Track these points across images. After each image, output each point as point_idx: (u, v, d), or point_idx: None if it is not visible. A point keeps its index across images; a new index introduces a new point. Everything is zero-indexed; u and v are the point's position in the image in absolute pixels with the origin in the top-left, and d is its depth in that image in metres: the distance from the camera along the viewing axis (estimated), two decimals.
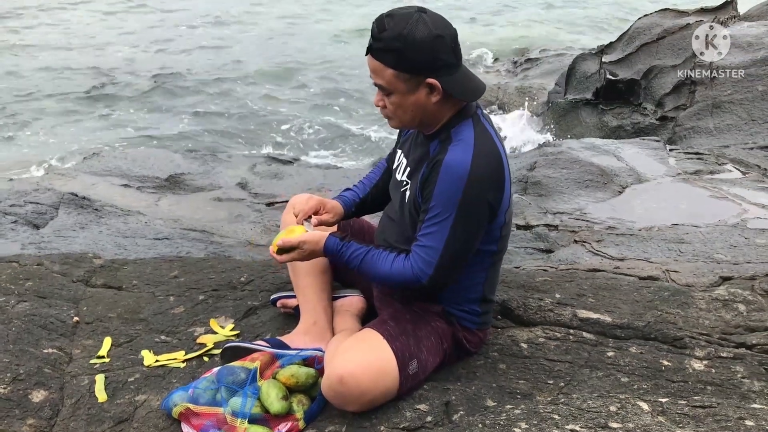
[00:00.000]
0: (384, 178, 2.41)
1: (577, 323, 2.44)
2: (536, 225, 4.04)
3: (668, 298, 2.60)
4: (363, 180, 2.47)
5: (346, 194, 2.42)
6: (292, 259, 2.12)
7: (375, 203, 2.43)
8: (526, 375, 2.16)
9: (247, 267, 2.97)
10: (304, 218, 2.22)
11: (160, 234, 3.76)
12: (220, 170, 5.38)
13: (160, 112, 9.56)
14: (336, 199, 2.38)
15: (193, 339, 2.46)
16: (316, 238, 2.08)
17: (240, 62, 12.07)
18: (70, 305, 2.66)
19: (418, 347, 2.04)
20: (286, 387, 2.01)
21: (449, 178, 1.88)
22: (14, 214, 3.90)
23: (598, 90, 7.61)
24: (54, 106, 9.63)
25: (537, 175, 4.86)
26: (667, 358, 2.24)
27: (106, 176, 5.00)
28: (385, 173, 2.42)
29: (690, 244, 3.52)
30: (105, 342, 2.44)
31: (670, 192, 4.59)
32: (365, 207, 2.43)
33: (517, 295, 2.60)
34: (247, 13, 16.36)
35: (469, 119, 1.98)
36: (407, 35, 1.84)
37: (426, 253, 1.93)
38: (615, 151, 5.30)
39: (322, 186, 4.99)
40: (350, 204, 2.39)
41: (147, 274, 2.93)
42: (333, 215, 2.30)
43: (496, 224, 2.01)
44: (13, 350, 2.29)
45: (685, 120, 6.54)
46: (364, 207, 2.42)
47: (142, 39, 13.49)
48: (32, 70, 11.23)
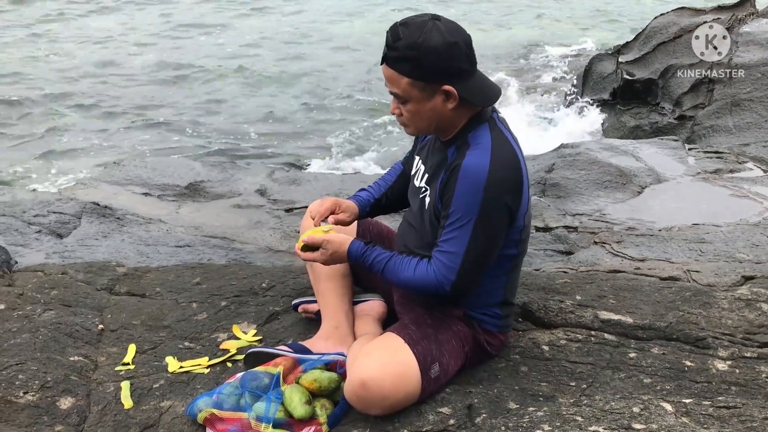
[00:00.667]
0: (399, 180, 2.43)
1: (598, 325, 2.43)
2: (555, 227, 4.03)
3: (690, 298, 2.59)
4: (378, 181, 2.49)
5: (361, 194, 2.44)
6: (314, 259, 2.12)
7: (389, 204, 2.45)
8: (548, 377, 2.16)
9: (268, 273, 2.99)
10: (320, 220, 2.24)
11: (181, 241, 3.80)
12: (239, 177, 5.42)
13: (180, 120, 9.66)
14: (351, 198, 2.41)
15: (217, 345, 2.49)
16: (341, 240, 2.09)
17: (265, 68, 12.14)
18: (94, 313, 2.70)
19: (440, 351, 2.04)
20: (309, 391, 2.03)
21: (468, 183, 1.89)
22: (38, 224, 3.96)
23: (615, 90, 7.58)
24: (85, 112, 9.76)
25: (555, 176, 4.85)
26: (690, 359, 2.23)
27: (127, 185, 5.06)
28: (400, 176, 2.44)
29: (711, 243, 3.50)
30: (129, 349, 2.47)
31: (690, 191, 4.56)
32: (380, 207, 2.44)
33: (537, 297, 2.60)
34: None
35: (486, 123, 1.98)
36: (422, 44, 1.85)
37: (448, 259, 1.93)
38: (633, 152, 5.27)
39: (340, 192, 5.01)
40: (365, 204, 2.41)
41: (170, 281, 2.96)
42: (349, 215, 2.33)
43: (516, 227, 2.02)
44: (40, 358, 2.33)
45: (704, 119, 6.49)
46: (378, 207, 2.44)
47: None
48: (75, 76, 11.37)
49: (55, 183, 7.13)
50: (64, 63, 11.98)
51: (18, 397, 2.14)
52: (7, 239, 3.66)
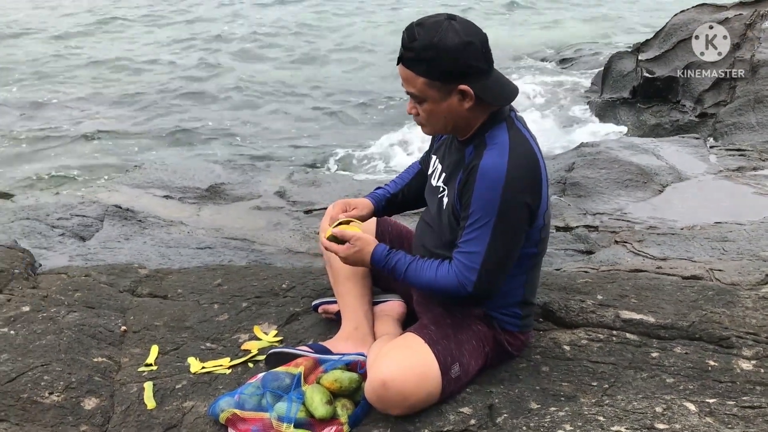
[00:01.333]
0: (416, 178, 2.43)
1: (620, 324, 2.42)
2: (576, 226, 4.01)
3: (713, 297, 2.56)
4: (395, 179, 2.49)
5: (377, 191, 2.45)
6: (337, 252, 2.12)
7: (405, 202, 2.45)
8: (569, 377, 2.15)
9: (288, 274, 3.01)
10: (332, 222, 2.24)
11: (202, 243, 3.83)
12: (259, 179, 5.45)
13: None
14: (366, 196, 2.42)
15: (238, 345, 2.50)
16: (368, 240, 2.11)
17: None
18: (117, 315, 2.73)
19: (460, 351, 2.04)
20: (329, 392, 2.03)
21: (486, 183, 1.88)
22: (61, 227, 4.01)
23: (635, 88, 7.52)
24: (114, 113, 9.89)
25: (575, 175, 4.83)
26: (713, 358, 2.21)
27: (149, 188, 5.11)
28: (417, 174, 2.44)
29: (734, 242, 3.47)
30: (152, 350, 2.49)
31: (712, 189, 4.52)
32: (395, 204, 2.44)
33: (558, 297, 2.58)
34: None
35: (503, 123, 1.98)
36: (438, 43, 1.85)
37: (468, 259, 1.93)
38: (654, 150, 5.23)
39: (359, 193, 5.03)
40: (380, 200, 2.41)
41: (191, 282, 2.99)
42: (362, 209, 2.33)
43: (536, 227, 2.01)
44: (65, 359, 2.36)
45: (726, 116, 6.42)
46: (394, 204, 2.44)
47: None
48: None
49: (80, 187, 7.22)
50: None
51: (43, 398, 2.17)
52: (31, 242, 3.71)
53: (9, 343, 2.45)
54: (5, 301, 2.75)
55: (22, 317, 2.63)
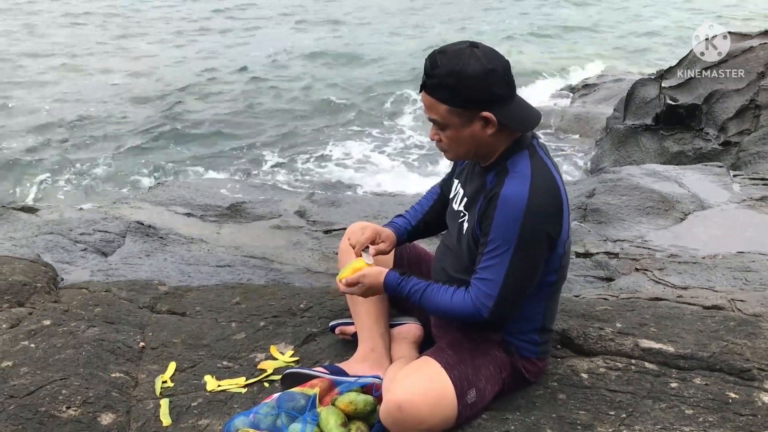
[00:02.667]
0: (435, 205, 2.44)
1: (638, 353, 2.39)
2: (596, 253, 3.98)
3: (734, 328, 2.53)
4: (415, 206, 2.50)
5: (398, 221, 2.45)
6: (353, 293, 2.17)
7: (427, 229, 2.46)
8: (586, 405, 2.13)
9: (306, 294, 3.02)
10: (361, 249, 2.27)
11: (222, 261, 3.85)
12: (279, 199, 5.49)
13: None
14: (387, 226, 2.42)
15: (254, 365, 2.51)
16: (376, 272, 2.12)
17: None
18: (136, 331, 2.75)
19: (477, 376, 2.03)
20: (344, 414, 2.03)
21: (507, 211, 1.88)
22: (84, 242, 4.06)
23: (658, 115, 7.48)
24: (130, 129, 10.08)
25: (596, 202, 4.80)
26: (734, 391, 2.17)
27: (171, 205, 5.16)
28: (437, 200, 2.44)
29: (757, 272, 3.42)
30: (169, 367, 2.51)
31: (735, 219, 4.47)
32: (417, 233, 2.46)
33: (577, 324, 2.56)
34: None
35: (525, 150, 1.98)
36: (460, 71, 1.86)
37: (486, 286, 1.93)
38: (676, 177, 5.19)
39: (378, 214, 5.03)
40: (402, 231, 2.43)
41: (210, 300, 3.01)
42: (389, 244, 2.35)
43: (556, 254, 2.00)
44: (83, 374, 2.38)
45: (750, 145, 6.37)
46: (415, 233, 2.46)
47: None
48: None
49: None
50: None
51: (61, 412, 2.18)
52: (54, 256, 3.75)
53: (29, 356, 2.48)
54: (27, 315, 2.78)
55: (43, 331, 2.66)
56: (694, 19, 16.71)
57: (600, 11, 20.15)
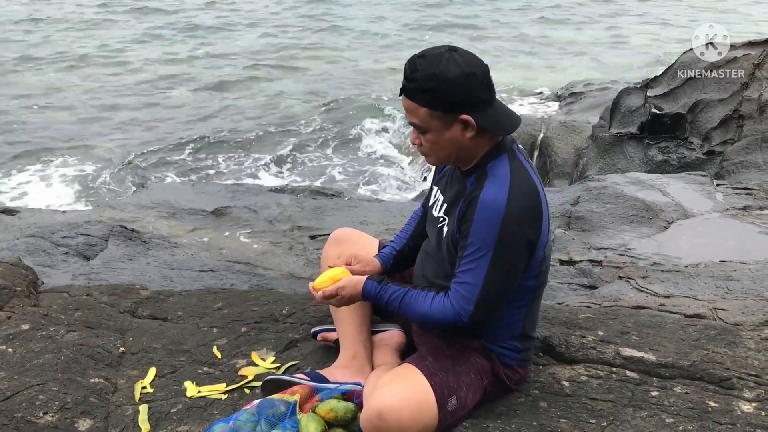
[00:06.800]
0: (419, 227, 2.43)
1: (620, 361, 2.40)
2: (580, 260, 3.99)
3: (715, 336, 2.54)
4: (399, 233, 2.49)
5: (384, 251, 2.44)
6: (333, 304, 2.16)
7: (412, 252, 2.41)
8: (567, 414, 2.13)
9: (289, 300, 3.00)
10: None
11: (205, 266, 3.82)
12: (265, 203, 5.46)
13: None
14: (376, 257, 2.40)
15: (235, 371, 2.49)
16: (354, 283, 2.11)
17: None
18: (116, 335, 2.72)
19: (458, 383, 2.03)
20: (325, 421, 2.02)
21: (486, 214, 1.89)
22: (66, 245, 4.02)
23: (643, 124, 7.52)
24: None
25: (580, 209, 4.81)
26: (713, 399, 2.18)
27: (155, 208, 5.13)
28: (419, 221, 2.44)
29: (738, 281, 3.44)
30: (149, 372, 2.48)
31: (718, 228, 4.49)
32: (404, 258, 2.42)
33: (559, 331, 2.57)
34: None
35: (505, 154, 1.99)
36: (439, 74, 1.87)
37: (465, 290, 1.93)
38: (660, 186, 5.22)
39: (364, 219, 5.03)
40: (387, 259, 2.40)
41: (192, 305, 2.98)
42: (364, 265, 2.32)
43: (536, 259, 2.00)
44: (61, 379, 2.35)
45: (733, 154, 6.42)
46: (402, 258, 2.42)
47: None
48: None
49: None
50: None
51: (38, 418, 2.16)
52: (35, 260, 3.72)
53: (6, 361, 2.45)
54: (5, 319, 2.75)
55: (21, 335, 2.63)
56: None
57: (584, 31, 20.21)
